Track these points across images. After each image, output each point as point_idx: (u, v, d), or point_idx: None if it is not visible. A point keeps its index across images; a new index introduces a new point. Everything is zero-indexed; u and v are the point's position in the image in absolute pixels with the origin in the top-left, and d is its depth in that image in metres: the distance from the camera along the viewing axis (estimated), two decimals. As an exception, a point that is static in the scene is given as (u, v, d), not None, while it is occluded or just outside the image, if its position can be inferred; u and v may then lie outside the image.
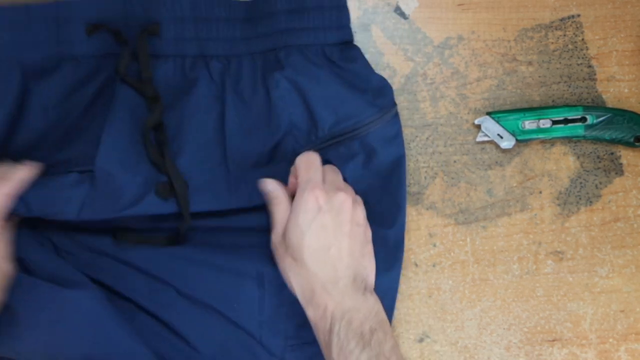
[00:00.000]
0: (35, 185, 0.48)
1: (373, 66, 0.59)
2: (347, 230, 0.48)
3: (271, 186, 0.51)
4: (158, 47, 0.54)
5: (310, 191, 0.48)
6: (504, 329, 0.60)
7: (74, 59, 0.53)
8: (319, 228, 0.47)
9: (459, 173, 0.60)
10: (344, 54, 0.56)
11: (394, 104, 0.56)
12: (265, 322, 0.53)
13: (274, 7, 0.55)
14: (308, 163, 0.50)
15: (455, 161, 0.60)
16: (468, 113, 0.60)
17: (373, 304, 0.48)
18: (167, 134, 0.53)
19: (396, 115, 0.56)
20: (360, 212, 0.50)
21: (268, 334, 0.53)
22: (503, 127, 0.59)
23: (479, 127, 0.60)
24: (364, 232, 0.50)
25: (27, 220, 0.50)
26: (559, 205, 0.61)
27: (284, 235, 0.49)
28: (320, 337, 0.48)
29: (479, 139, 0.60)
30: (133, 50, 0.53)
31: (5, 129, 0.51)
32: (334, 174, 0.52)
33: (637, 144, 0.60)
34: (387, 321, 0.48)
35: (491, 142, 0.60)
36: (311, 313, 0.48)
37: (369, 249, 0.51)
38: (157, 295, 0.52)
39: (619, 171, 0.61)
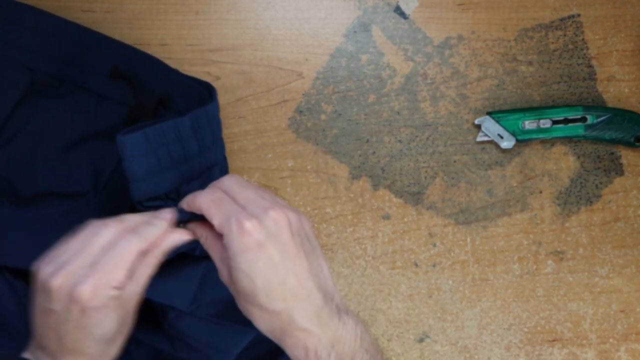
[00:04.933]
0: None
1: (373, 66, 0.59)
2: (294, 252, 0.41)
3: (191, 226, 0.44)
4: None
5: (238, 228, 0.40)
6: (504, 329, 0.60)
7: (85, 89, 0.53)
8: (266, 265, 0.41)
9: (459, 173, 0.60)
10: None
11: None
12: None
13: None
14: (213, 200, 0.42)
15: (455, 161, 0.60)
16: (468, 113, 0.60)
17: (354, 327, 0.42)
18: None
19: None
20: (296, 220, 0.43)
21: None
22: (503, 127, 0.59)
23: (479, 127, 0.60)
24: (309, 241, 0.43)
25: None
26: (559, 205, 0.61)
27: (232, 281, 0.42)
28: None
29: (479, 139, 0.60)
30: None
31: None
32: (246, 191, 0.43)
33: (637, 144, 0.60)
34: (373, 341, 0.43)
35: (491, 142, 0.60)
36: (292, 354, 0.42)
37: (321, 258, 0.44)
38: None
39: (619, 171, 0.61)
